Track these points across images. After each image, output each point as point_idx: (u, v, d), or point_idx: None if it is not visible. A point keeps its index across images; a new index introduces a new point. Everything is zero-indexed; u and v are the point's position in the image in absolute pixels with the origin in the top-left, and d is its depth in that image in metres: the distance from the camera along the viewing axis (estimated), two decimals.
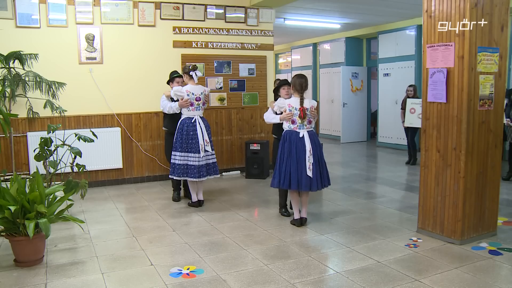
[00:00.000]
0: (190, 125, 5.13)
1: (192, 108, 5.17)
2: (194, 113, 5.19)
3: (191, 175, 5.12)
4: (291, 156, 4.37)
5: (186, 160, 5.15)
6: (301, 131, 4.41)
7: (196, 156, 5.11)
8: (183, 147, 5.14)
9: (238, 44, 7.48)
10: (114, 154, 6.62)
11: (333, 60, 12.27)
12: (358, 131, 11.95)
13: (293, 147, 4.37)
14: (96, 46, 6.47)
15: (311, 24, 10.43)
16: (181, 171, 5.16)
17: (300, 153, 4.34)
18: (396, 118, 9.76)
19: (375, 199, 5.72)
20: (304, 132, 4.41)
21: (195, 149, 5.11)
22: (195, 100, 5.16)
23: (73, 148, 4.92)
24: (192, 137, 5.11)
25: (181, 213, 5.18)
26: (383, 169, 8.07)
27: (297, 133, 4.40)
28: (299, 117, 4.39)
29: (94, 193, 6.19)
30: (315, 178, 4.36)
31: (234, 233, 4.39)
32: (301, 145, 4.36)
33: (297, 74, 4.55)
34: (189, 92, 5.15)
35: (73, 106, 6.29)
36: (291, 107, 4.42)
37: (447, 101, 3.91)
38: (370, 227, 4.52)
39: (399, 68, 10.24)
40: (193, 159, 5.12)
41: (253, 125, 7.75)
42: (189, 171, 5.13)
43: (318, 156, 4.43)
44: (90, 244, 4.13)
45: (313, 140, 4.43)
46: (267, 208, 5.31)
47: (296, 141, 4.38)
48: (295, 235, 4.31)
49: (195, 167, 5.11)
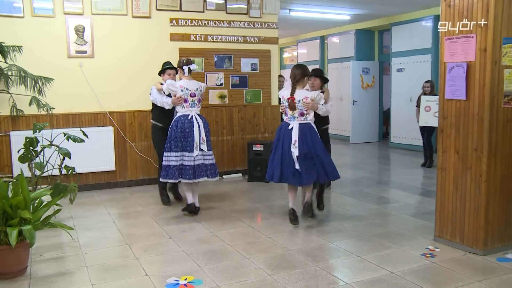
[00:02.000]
0: (186, 122, 5.07)
1: (187, 105, 5.12)
2: (189, 110, 5.13)
3: (186, 176, 5.05)
4: (278, 148, 4.72)
5: (182, 160, 5.09)
6: (291, 123, 4.69)
7: (192, 155, 5.06)
8: (178, 146, 5.07)
9: (240, 37, 7.47)
10: (106, 155, 6.61)
11: (342, 55, 12.26)
12: (369, 131, 11.93)
13: (281, 139, 4.72)
14: (86, 38, 6.45)
15: (319, 16, 10.41)
16: (177, 172, 5.07)
17: (288, 145, 4.65)
18: (411, 117, 9.74)
19: (388, 205, 5.70)
20: (294, 124, 4.66)
21: (191, 147, 5.06)
22: (190, 96, 5.11)
23: (61, 149, 4.90)
24: (188, 134, 5.05)
25: (179, 219, 5.17)
26: (397, 172, 8.05)
27: (287, 125, 4.71)
28: (289, 108, 4.69)
29: (84, 197, 6.18)
30: (305, 171, 4.56)
31: (236, 241, 4.37)
32: (288, 137, 4.66)
33: (295, 65, 4.88)
34: (183, 87, 5.10)
35: (61, 103, 6.28)
36: (283, 99, 4.76)
37: (466, 98, 3.87)
38: (383, 235, 4.50)
39: (414, 63, 10.20)
40: (188, 159, 5.07)
41: (256, 125, 7.73)
42: (184, 171, 5.06)
43: (314, 149, 4.60)
44: (79, 252, 4.10)
45: (303, 131, 4.63)
46: (271, 214, 5.29)
47: (284, 133, 4.71)
48: (301, 243, 4.29)
49: (190, 168, 5.06)
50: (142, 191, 6.54)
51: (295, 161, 4.59)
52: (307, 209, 4.78)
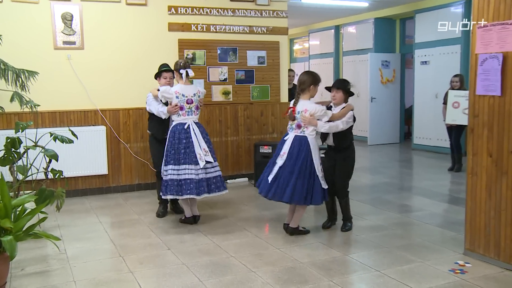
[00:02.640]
0: (183, 132, 5.04)
1: (183, 112, 5.09)
2: (186, 118, 5.11)
3: (187, 191, 4.97)
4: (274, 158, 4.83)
5: (183, 174, 5.01)
6: (289, 133, 4.77)
7: (192, 168, 5.00)
8: (176, 159, 5.02)
9: (246, 28, 7.45)
10: (97, 157, 6.61)
11: (359, 46, 12.24)
12: (389, 131, 11.91)
13: (277, 148, 4.84)
14: (75, 28, 6.45)
15: (333, 2, 10.41)
16: (175, 188, 5.00)
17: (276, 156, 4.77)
18: (436, 115, 9.69)
19: (411, 213, 5.68)
20: (291, 135, 4.74)
21: (191, 159, 5.01)
22: (186, 103, 5.09)
23: (47, 150, 4.89)
24: (186, 145, 5.02)
25: (178, 228, 5.17)
26: (420, 177, 8.02)
27: (286, 134, 4.83)
28: (289, 118, 4.78)
29: (72, 204, 6.19)
30: (276, 186, 4.65)
31: (241, 252, 4.36)
32: (280, 147, 4.77)
33: (304, 71, 4.93)
34: (178, 93, 5.08)
35: (47, 99, 6.28)
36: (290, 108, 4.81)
37: (502, 93, 3.82)
38: (405, 247, 4.47)
39: (441, 55, 10.12)
40: (189, 172, 5.00)
41: (264, 124, 7.70)
42: (185, 186, 4.98)
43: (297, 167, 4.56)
44: (66, 266, 4.09)
45: (294, 144, 4.64)
46: (280, 223, 5.28)
47: (281, 143, 4.82)
48: (313, 255, 4.27)
49: (192, 182, 4.98)
50: (138, 197, 6.55)
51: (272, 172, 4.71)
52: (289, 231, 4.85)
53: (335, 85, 4.89)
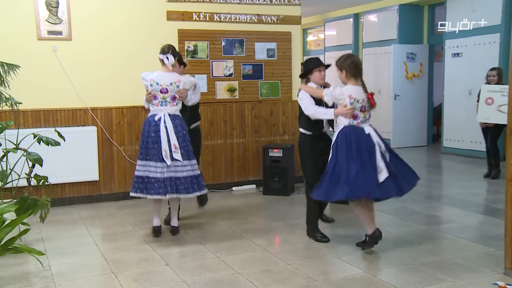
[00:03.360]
0: (153, 125, 5.12)
1: (156, 102, 5.15)
2: (159, 109, 5.16)
3: (151, 191, 5.06)
4: (353, 157, 4.59)
5: (147, 171, 5.12)
6: (365, 127, 4.71)
7: (158, 165, 5.07)
8: (144, 154, 5.15)
9: (254, 16, 7.47)
10: (87, 162, 6.62)
11: (381, 37, 12.26)
12: (415, 132, 11.91)
13: (353, 145, 4.61)
14: (61, 16, 6.47)
15: None
16: (139, 185, 5.13)
17: (370, 153, 4.62)
18: (470, 115, 9.64)
19: (440, 225, 5.66)
20: (368, 128, 4.71)
21: (156, 156, 5.08)
22: (160, 92, 5.13)
23: (30, 154, 4.90)
24: (154, 140, 5.08)
25: (177, 241, 5.17)
26: (451, 184, 8.01)
27: (362, 130, 4.68)
28: (366, 109, 4.70)
29: (59, 214, 6.21)
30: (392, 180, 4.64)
31: (248, 268, 4.36)
32: (368, 142, 4.64)
33: (346, 54, 4.79)
34: (153, 81, 5.15)
35: (30, 96, 6.29)
36: (352, 99, 4.61)
37: None
38: (435, 264, 4.43)
39: (476, 45, 10.06)
40: (154, 170, 5.08)
41: (274, 124, 7.69)
42: (149, 185, 5.08)
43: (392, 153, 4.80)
44: (50, 284, 4.08)
45: (379, 136, 4.76)
46: (292, 235, 5.30)
47: (360, 138, 4.64)
48: (329, 272, 4.27)
49: (157, 181, 5.06)
50: (132, 206, 6.56)
51: (382, 169, 4.60)
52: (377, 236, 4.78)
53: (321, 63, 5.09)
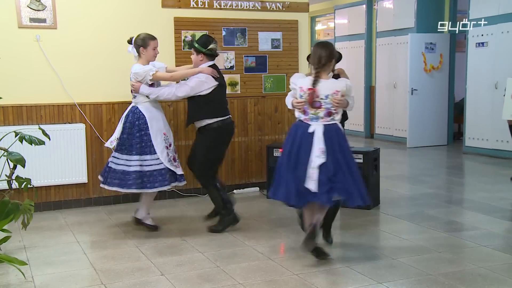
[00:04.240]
0: (124, 117, 5.72)
1: None
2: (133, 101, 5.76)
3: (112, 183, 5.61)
4: (290, 156, 4.70)
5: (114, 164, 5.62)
6: (313, 124, 4.68)
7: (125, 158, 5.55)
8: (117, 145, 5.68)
9: (258, 3, 7.47)
10: (75, 162, 6.63)
11: (397, 25, 12.25)
12: (434, 130, 11.92)
13: (295, 145, 4.70)
14: (45, 1, 6.44)
15: None
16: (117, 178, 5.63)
17: (305, 154, 4.62)
18: (495, 110, 9.63)
19: (462, 233, 5.66)
20: (317, 126, 4.65)
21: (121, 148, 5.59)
22: None
23: (11, 154, 4.87)
24: (122, 131, 5.65)
25: (173, 248, 5.18)
26: (474, 188, 7.98)
27: (307, 127, 4.69)
28: (309, 105, 4.67)
29: (43, 220, 6.20)
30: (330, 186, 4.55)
31: (250, 278, 4.37)
32: (308, 143, 4.64)
33: (318, 42, 4.86)
34: None
35: (11, 91, 6.25)
36: (302, 92, 4.69)
37: None
38: (455, 275, 4.42)
39: (504, 33, 10.02)
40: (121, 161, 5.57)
41: (279, 122, 7.71)
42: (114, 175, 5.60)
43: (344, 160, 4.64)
44: None
45: (328, 136, 4.62)
46: (299, 242, 5.22)
47: (301, 138, 4.68)
48: (339, 283, 4.27)
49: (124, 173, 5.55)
50: (124, 211, 6.53)
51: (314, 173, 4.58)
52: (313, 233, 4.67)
53: None
